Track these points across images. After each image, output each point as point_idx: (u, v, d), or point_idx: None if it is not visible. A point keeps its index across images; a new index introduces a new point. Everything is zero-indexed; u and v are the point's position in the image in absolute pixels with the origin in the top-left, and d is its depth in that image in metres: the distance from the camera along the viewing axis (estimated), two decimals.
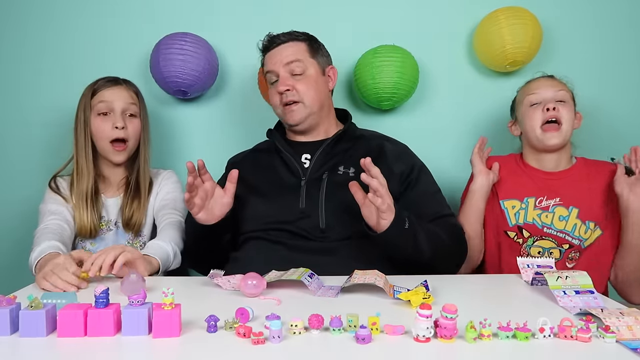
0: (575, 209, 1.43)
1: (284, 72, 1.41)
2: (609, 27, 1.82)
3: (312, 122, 1.44)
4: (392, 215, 1.16)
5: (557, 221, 1.43)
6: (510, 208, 1.48)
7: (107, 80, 1.47)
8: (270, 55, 1.45)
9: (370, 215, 1.18)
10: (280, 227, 1.33)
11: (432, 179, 1.45)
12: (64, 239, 1.32)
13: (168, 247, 1.29)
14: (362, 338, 0.74)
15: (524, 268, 1.15)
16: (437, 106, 1.84)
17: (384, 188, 1.14)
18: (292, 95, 1.40)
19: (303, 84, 1.41)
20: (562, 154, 1.49)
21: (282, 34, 1.45)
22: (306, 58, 1.43)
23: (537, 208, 1.45)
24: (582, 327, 0.76)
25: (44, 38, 1.81)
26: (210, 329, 0.80)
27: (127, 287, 0.98)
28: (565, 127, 1.43)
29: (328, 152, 1.42)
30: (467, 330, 0.75)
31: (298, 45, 1.44)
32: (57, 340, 0.77)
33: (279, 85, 1.41)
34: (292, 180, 1.40)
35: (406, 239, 1.20)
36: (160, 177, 1.54)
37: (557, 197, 1.44)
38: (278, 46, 1.43)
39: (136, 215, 1.45)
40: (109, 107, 1.44)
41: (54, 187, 1.46)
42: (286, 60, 1.41)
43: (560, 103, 1.44)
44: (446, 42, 1.83)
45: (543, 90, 1.47)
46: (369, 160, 1.14)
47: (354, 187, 1.20)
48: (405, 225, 1.19)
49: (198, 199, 1.22)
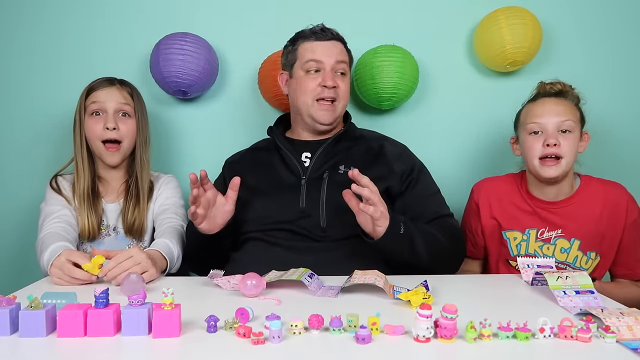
0: (577, 240, 1.38)
1: (332, 68, 1.42)
2: (609, 27, 1.82)
3: (336, 124, 1.46)
4: (386, 222, 1.17)
5: (558, 253, 1.40)
6: (512, 239, 1.44)
7: (103, 80, 1.46)
8: (319, 45, 1.43)
9: (366, 222, 1.19)
10: (281, 227, 1.32)
11: (431, 179, 1.45)
12: (70, 241, 1.31)
13: (175, 249, 1.30)
14: (362, 338, 0.74)
15: (524, 268, 1.15)
16: (437, 106, 1.84)
17: (376, 196, 1.14)
18: (334, 92, 1.41)
19: (346, 85, 1.45)
20: (562, 183, 1.41)
21: (332, 29, 1.46)
22: (348, 61, 1.47)
23: (539, 240, 1.41)
24: (582, 327, 0.76)
25: (45, 38, 1.81)
26: (210, 329, 0.80)
27: (127, 287, 0.98)
28: (566, 161, 1.35)
29: (329, 151, 1.42)
30: (467, 330, 0.75)
31: (343, 48, 1.47)
32: (57, 340, 0.77)
33: (327, 79, 1.40)
34: (292, 179, 1.40)
35: (402, 244, 1.20)
36: (160, 181, 1.53)
37: (558, 229, 1.40)
38: (330, 40, 1.44)
39: (138, 220, 1.44)
40: (101, 108, 1.43)
41: (55, 186, 1.45)
42: (339, 58, 1.43)
43: (563, 134, 1.35)
44: (446, 42, 1.83)
45: (547, 118, 1.36)
46: (356, 171, 1.14)
47: (348, 195, 1.19)
48: (401, 231, 1.19)
49: (201, 209, 1.21)
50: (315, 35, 1.44)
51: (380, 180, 1.35)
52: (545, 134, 1.36)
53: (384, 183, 1.35)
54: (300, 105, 1.43)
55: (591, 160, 1.78)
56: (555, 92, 1.42)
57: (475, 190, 1.53)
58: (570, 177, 1.42)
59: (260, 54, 1.73)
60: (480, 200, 1.49)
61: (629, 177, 1.80)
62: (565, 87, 1.44)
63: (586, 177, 1.45)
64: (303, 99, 1.42)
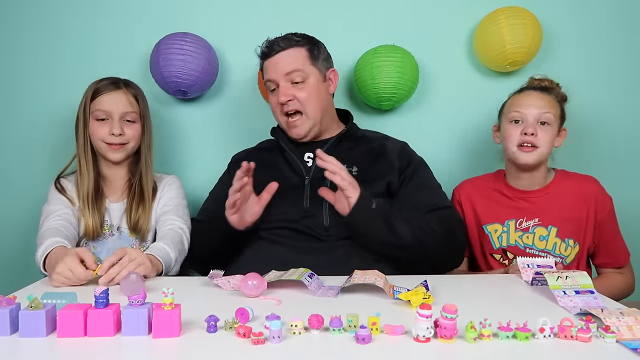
0: (554, 227, 1.43)
1: (284, 81, 1.39)
2: (608, 27, 1.81)
3: (316, 132, 1.45)
4: (356, 192, 1.20)
5: (537, 241, 1.44)
6: (493, 232, 1.49)
7: (109, 82, 1.45)
8: (269, 63, 1.42)
9: (343, 207, 1.23)
10: (285, 226, 1.33)
11: (430, 174, 1.46)
12: (69, 237, 1.31)
13: (173, 254, 1.28)
14: (362, 338, 0.74)
15: (524, 268, 1.15)
16: (437, 106, 1.84)
17: (343, 171, 1.20)
18: (293, 104, 1.40)
19: (304, 92, 1.39)
20: (537, 172, 1.46)
21: (281, 39, 1.42)
22: (306, 66, 1.41)
23: (518, 230, 1.46)
24: (582, 327, 0.76)
25: (46, 38, 1.81)
26: (210, 329, 0.80)
27: (127, 287, 0.98)
28: (542, 150, 1.41)
29: (332, 152, 1.41)
30: (467, 330, 0.75)
31: (298, 52, 1.41)
32: (57, 340, 0.77)
33: (280, 95, 1.39)
34: (296, 179, 1.40)
35: (375, 220, 1.22)
36: (164, 182, 1.53)
37: (535, 217, 1.44)
38: (277, 53, 1.40)
39: (142, 219, 1.44)
40: (107, 114, 1.42)
41: (59, 187, 1.45)
42: (286, 70, 1.39)
43: (542, 126, 1.42)
44: (446, 42, 1.83)
45: (528, 109, 1.42)
46: (319, 151, 1.23)
47: (323, 191, 1.25)
48: (372, 205, 1.22)
49: (238, 200, 1.24)
50: (264, 54, 1.44)
51: (382, 177, 1.37)
52: (525, 124, 1.42)
53: (385, 179, 1.37)
54: (278, 122, 1.48)
55: (590, 158, 1.79)
56: (541, 87, 1.48)
57: (456, 192, 1.59)
58: (544, 168, 1.48)
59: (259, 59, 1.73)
60: (462, 199, 1.55)
61: (627, 175, 1.82)
62: (552, 84, 1.50)
63: (560, 171, 1.51)
64: (276, 117, 1.46)
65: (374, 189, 1.33)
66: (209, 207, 1.49)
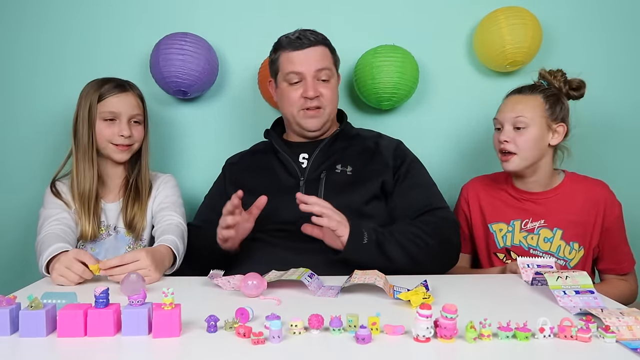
0: (560, 230, 1.41)
1: (312, 77, 1.38)
2: (609, 27, 1.82)
3: (327, 128, 1.45)
4: (346, 230, 1.18)
5: (542, 243, 1.43)
6: (498, 231, 1.48)
7: (115, 85, 1.44)
8: (297, 55, 1.39)
9: (332, 239, 1.21)
10: (281, 228, 1.33)
11: (425, 172, 1.45)
12: (69, 242, 1.30)
13: (181, 247, 1.31)
14: (362, 338, 0.75)
15: (524, 268, 1.15)
16: (436, 106, 1.84)
17: (328, 209, 1.17)
18: (317, 101, 1.39)
19: (329, 90, 1.41)
20: (535, 175, 1.44)
21: (310, 32, 1.41)
22: (331, 65, 1.42)
23: (523, 230, 1.45)
24: (582, 327, 0.76)
25: (46, 38, 1.81)
26: (210, 329, 0.80)
27: (127, 287, 0.98)
28: (523, 155, 1.38)
29: (326, 152, 1.42)
30: (467, 330, 0.75)
31: (325, 50, 1.42)
32: (57, 340, 0.77)
33: (309, 90, 1.38)
34: (291, 181, 1.41)
35: (369, 252, 1.20)
36: (159, 180, 1.53)
37: (541, 219, 1.43)
38: (308, 47, 1.39)
39: (137, 217, 1.45)
40: (116, 116, 1.43)
41: (54, 191, 1.44)
42: (318, 66, 1.38)
43: (518, 131, 1.38)
44: (446, 42, 1.83)
45: (503, 114, 1.40)
46: (299, 194, 1.18)
47: (308, 227, 1.21)
48: (364, 240, 1.20)
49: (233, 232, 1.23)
50: (293, 45, 1.39)
51: (377, 176, 1.37)
52: (502, 130, 1.41)
53: (379, 178, 1.37)
54: (288, 115, 1.45)
55: (590, 155, 1.79)
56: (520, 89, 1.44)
57: (464, 189, 1.58)
58: (543, 170, 1.44)
59: (260, 54, 1.72)
60: (470, 196, 1.54)
61: (628, 171, 1.81)
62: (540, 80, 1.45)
63: (570, 174, 1.49)
64: (289, 110, 1.43)
65: (368, 189, 1.34)
66: (204, 212, 1.50)
